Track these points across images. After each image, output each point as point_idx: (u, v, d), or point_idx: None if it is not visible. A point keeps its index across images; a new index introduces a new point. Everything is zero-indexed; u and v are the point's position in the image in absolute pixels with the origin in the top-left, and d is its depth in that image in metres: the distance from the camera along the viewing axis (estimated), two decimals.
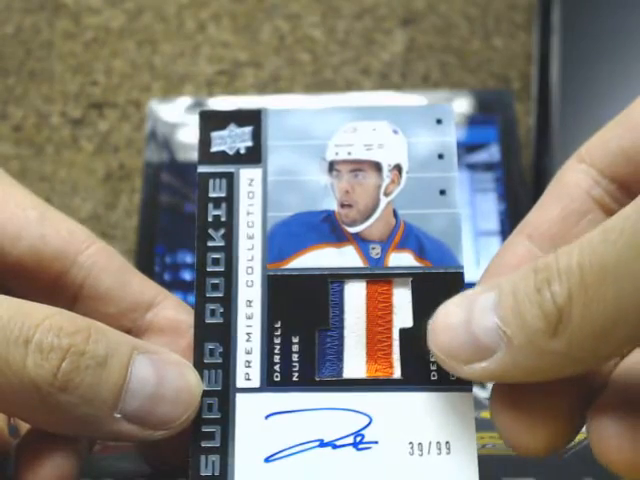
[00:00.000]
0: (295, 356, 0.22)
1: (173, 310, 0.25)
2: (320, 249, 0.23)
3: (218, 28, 0.53)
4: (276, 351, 0.22)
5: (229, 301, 0.23)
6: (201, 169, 0.24)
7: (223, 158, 0.24)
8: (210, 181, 0.24)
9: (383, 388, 0.22)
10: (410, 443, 0.22)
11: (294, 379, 0.22)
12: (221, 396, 0.22)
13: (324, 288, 0.23)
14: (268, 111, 0.25)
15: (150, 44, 0.53)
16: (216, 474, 0.21)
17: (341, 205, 0.24)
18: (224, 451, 0.22)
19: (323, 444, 0.21)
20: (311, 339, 0.23)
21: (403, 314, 0.23)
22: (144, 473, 0.25)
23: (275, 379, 0.22)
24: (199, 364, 0.22)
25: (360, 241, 0.23)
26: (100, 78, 0.52)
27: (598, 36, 0.47)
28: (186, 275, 0.45)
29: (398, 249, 0.23)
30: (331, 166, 0.24)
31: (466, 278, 0.23)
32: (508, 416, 0.20)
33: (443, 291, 0.22)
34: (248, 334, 0.23)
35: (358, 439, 0.21)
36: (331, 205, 0.24)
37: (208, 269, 0.23)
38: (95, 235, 0.25)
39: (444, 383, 0.22)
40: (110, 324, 0.23)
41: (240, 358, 0.22)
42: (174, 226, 0.46)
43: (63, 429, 0.21)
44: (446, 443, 0.21)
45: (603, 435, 0.19)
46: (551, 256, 0.18)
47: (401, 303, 0.23)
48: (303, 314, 0.23)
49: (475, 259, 0.45)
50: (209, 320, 0.23)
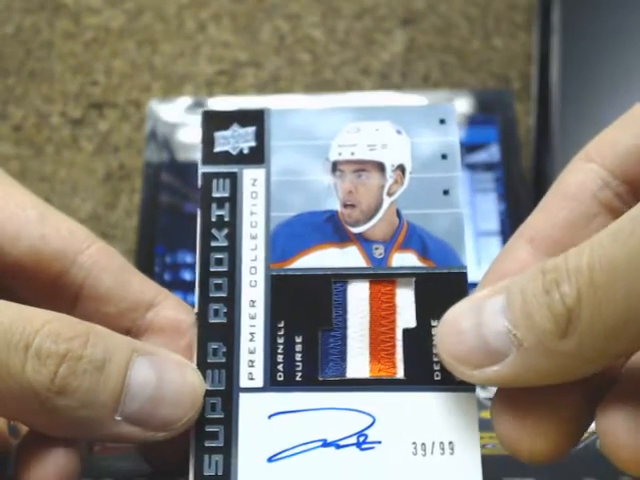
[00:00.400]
0: (298, 356, 0.22)
1: (173, 310, 0.25)
2: (323, 249, 0.23)
3: (218, 28, 0.53)
4: (279, 351, 0.22)
5: (232, 301, 0.23)
6: (204, 169, 0.24)
7: (226, 158, 0.24)
8: (214, 181, 0.24)
9: (386, 388, 0.22)
10: (413, 443, 0.21)
11: (297, 379, 0.22)
12: (224, 396, 0.22)
13: (327, 288, 0.23)
14: (271, 111, 0.25)
15: (150, 44, 0.53)
16: (219, 474, 0.21)
17: (344, 205, 0.24)
18: (227, 451, 0.22)
19: (326, 444, 0.21)
20: (314, 339, 0.23)
21: (406, 314, 0.23)
22: (144, 473, 0.25)
23: (278, 379, 0.22)
24: (202, 364, 0.22)
25: (363, 241, 0.23)
26: (100, 78, 0.52)
27: (598, 36, 0.47)
28: (186, 275, 0.45)
29: (401, 249, 0.23)
30: (334, 166, 0.24)
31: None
32: (510, 422, 0.20)
33: (446, 291, 0.22)
34: (251, 334, 0.23)
35: (361, 439, 0.21)
36: (334, 205, 0.24)
37: (211, 269, 0.23)
38: (95, 235, 0.25)
39: (448, 383, 0.22)
40: (110, 324, 0.23)
41: (243, 358, 0.22)
42: (174, 226, 0.46)
43: (64, 432, 0.21)
44: (449, 443, 0.21)
45: (612, 431, 0.19)
46: (560, 257, 0.18)
47: (404, 303, 0.23)
48: (306, 314, 0.23)
49: (476, 259, 0.45)
50: (212, 320, 0.23)
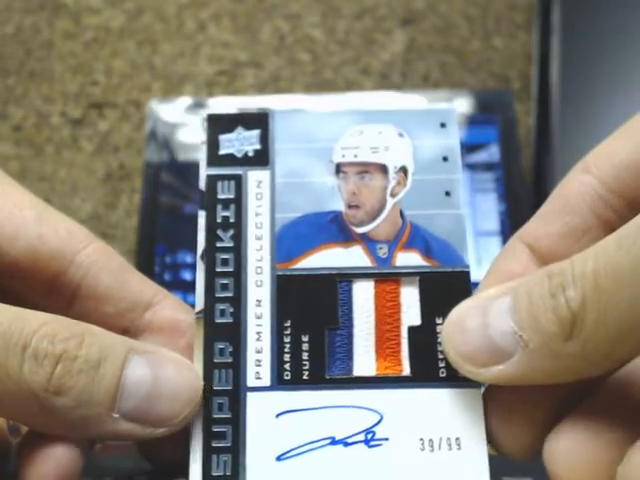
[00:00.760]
0: (305, 355, 0.23)
1: (172, 309, 0.25)
2: (328, 249, 0.24)
3: (218, 28, 0.53)
4: (286, 350, 0.23)
5: (239, 301, 0.23)
6: (209, 171, 0.25)
7: (231, 160, 0.24)
8: (218, 183, 0.24)
9: (393, 385, 0.22)
10: (421, 439, 0.22)
11: (304, 377, 0.22)
12: (231, 395, 0.22)
13: (332, 287, 0.23)
14: (275, 113, 0.25)
15: (150, 44, 0.53)
16: (228, 474, 0.22)
17: (348, 206, 0.24)
18: (235, 450, 0.22)
19: (334, 442, 0.22)
20: (320, 338, 0.23)
21: (411, 312, 0.23)
22: (144, 472, 0.25)
23: (285, 378, 0.22)
24: (209, 364, 0.23)
25: (368, 241, 0.24)
26: (100, 78, 0.52)
27: (598, 36, 0.47)
28: (186, 275, 0.45)
29: (405, 249, 0.23)
30: (338, 168, 0.24)
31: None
32: (496, 415, 0.21)
33: (450, 290, 0.23)
34: (258, 333, 0.23)
35: (369, 436, 0.22)
36: (338, 206, 0.24)
37: (217, 269, 0.24)
38: (94, 235, 0.25)
39: (453, 380, 0.22)
40: (108, 323, 0.23)
41: (250, 357, 0.23)
42: (174, 226, 0.46)
43: (63, 431, 0.21)
44: (456, 439, 0.22)
45: (557, 445, 0.19)
46: (566, 262, 0.18)
47: (409, 301, 0.23)
48: (312, 313, 0.23)
49: (476, 259, 0.45)
50: (219, 320, 0.23)
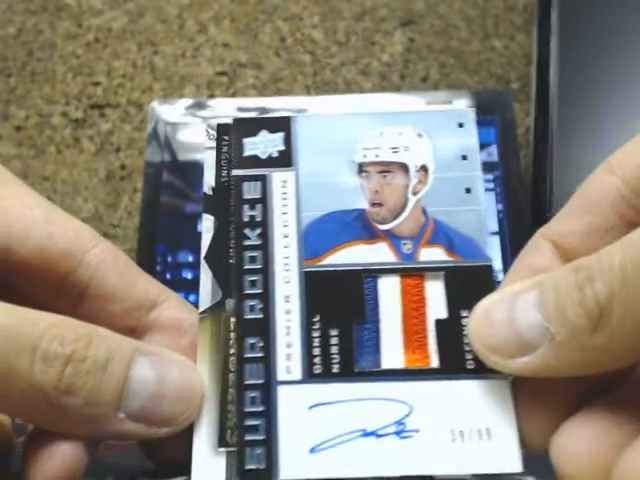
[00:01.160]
0: (334, 349, 0.23)
1: (176, 309, 0.25)
2: (353, 246, 0.24)
3: (219, 29, 0.54)
4: (315, 344, 0.23)
5: (268, 297, 0.24)
6: (235, 172, 0.25)
7: (256, 162, 0.25)
8: (244, 184, 0.25)
9: (421, 377, 0.23)
10: (451, 430, 0.22)
11: (334, 371, 0.23)
12: (263, 389, 0.23)
13: (359, 283, 0.24)
14: (297, 118, 0.26)
15: (151, 45, 0.53)
16: (262, 467, 0.22)
17: (372, 204, 0.25)
18: (269, 443, 0.22)
19: (366, 434, 0.22)
20: (348, 332, 0.23)
21: (436, 306, 0.24)
22: (147, 471, 0.25)
23: (315, 371, 0.23)
24: (241, 358, 0.23)
25: (392, 237, 0.24)
26: (101, 79, 0.53)
27: (597, 37, 0.47)
28: (187, 275, 0.45)
29: (429, 244, 0.24)
30: (360, 168, 0.25)
31: None
32: (520, 407, 0.21)
33: (474, 283, 0.23)
34: (287, 328, 0.23)
35: (400, 428, 0.22)
36: (362, 204, 0.25)
37: (245, 267, 0.24)
38: (98, 234, 0.25)
39: (480, 371, 0.22)
40: (115, 322, 0.23)
41: (281, 352, 0.23)
42: (175, 226, 0.46)
43: (70, 430, 0.21)
44: (487, 429, 0.22)
45: (561, 440, 0.20)
46: (592, 256, 0.19)
47: (434, 295, 0.24)
48: (340, 308, 0.24)
49: None
50: (248, 316, 0.24)
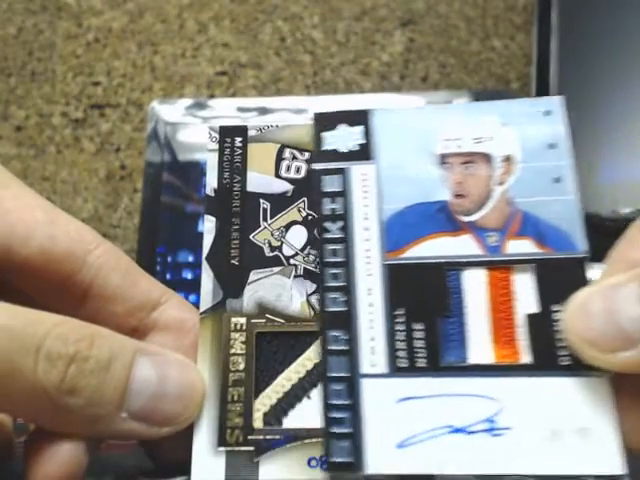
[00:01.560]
0: (418, 343, 0.23)
1: (178, 309, 0.25)
2: (436, 238, 0.24)
3: (219, 29, 0.54)
4: (399, 338, 0.23)
5: (350, 290, 0.23)
6: (315, 166, 0.25)
7: (335, 156, 0.25)
8: (324, 177, 0.25)
9: (512, 374, 0.22)
10: (546, 429, 0.21)
11: (419, 365, 0.22)
12: (348, 382, 0.22)
13: (442, 276, 0.23)
14: (376, 111, 0.26)
15: (151, 45, 0.53)
16: (349, 460, 0.22)
17: (455, 196, 0.24)
18: (356, 437, 0.22)
19: (456, 430, 0.22)
20: (432, 326, 0.23)
21: (525, 300, 0.23)
22: (147, 470, 0.25)
23: (400, 365, 0.22)
24: (324, 351, 0.23)
25: (476, 229, 0.24)
26: (101, 79, 0.53)
27: (596, 37, 0.47)
28: (187, 274, 0.45)
29: (517, 236, 0.23)
30: (442, 159, 0.25)
31: None
32: (621, 406, 0.21)
33: (567, 277, 0.22)
34: (371, 321, 0.23)
35: (491, 425, 0.21)
36: (444, 196, 0.24)
37: (327, 260, 0.24)
38: (100, 235, 0.25)
39: (575, 368, 0.22)
40: (117, 322, 0.23)
41: (364, 345, 0.23)
42: (175, 226, 0.46)
43: (73, 430, 0.21)
44: (584, 429, 0.21)
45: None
46: None
47: (523, 289, 0.23)
48: (423, 302, 0.23)
49: None
50: (331, 308, 0.23)
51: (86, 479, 0.22)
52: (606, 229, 0.39)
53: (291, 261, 0.25)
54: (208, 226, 0.25)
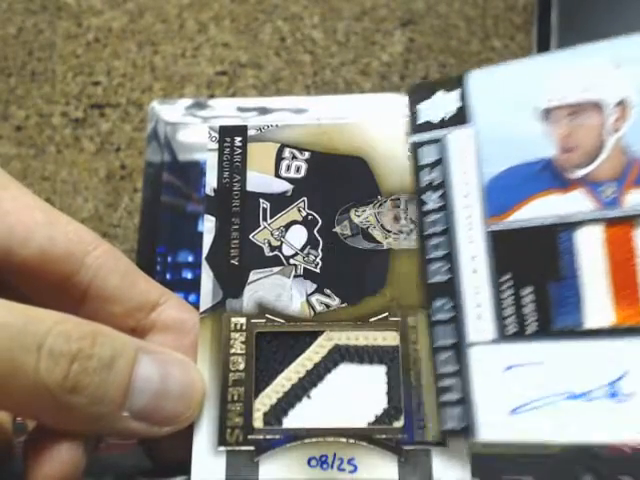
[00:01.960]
0: (527, 308, 0.22)
1: (177, 310, 0.25)
2: (543, 197, 0.23)
3: (219, 29, 0.54)
4: (507, 304, 0.22)
5: (453, 258, 0.23)
6: (412, 139, 0.25)
7: (431, 125, 0.24)
8: (420, 150, 0.24)
9: (637, 335, 0.21)
10: None
11: (529, 331, 0.21)
12: (455, 350, 0.22)
13: (552, 237, 0.22)
14: (472, 73, 0.24)
15: (151, 45, 0.53)
16: (460, 427, 0.21)
17: (562, 150, 0.23)
18: (466, 404, 0.21)
19: (574, 396, 0.20)
20: (543, 290, 0.22)
21: None
22: (146, 470, 0.25)
23: (509, 332, 0.22)
24: (429, 322, 0.22)
25: (588, 183, 0.22)
26: (101, 78, 0.53)
27: (596, 37, 0.47)
28: (187, 274, 0.45)
29: (636, 186, 0.22)
30: (545, 114, 0.23)
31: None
32: None
33: None
34: (476, 287, 0.22)
35: (613, 390, 0.20)
36: (548, 152, 0.23)
37: (427, 232, 0.23)
38: (99, 236, 0.25)
39: None
40: (115, 323, 0.23)
41: (470, 312, 0.22)
42: (175, 226, 0.46)
43: (74, 428, 0.21)
44: None
45: None
46: None
47: None
48: (531, 266, 0.22)
49: None
50: (434, 279, 0.23)
51: (85, 479, 0.22)
52: None
53: (291, 261, 0.25)
54: (208, 226, 0.25)
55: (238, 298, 0.24)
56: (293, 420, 0.23)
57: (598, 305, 0.21)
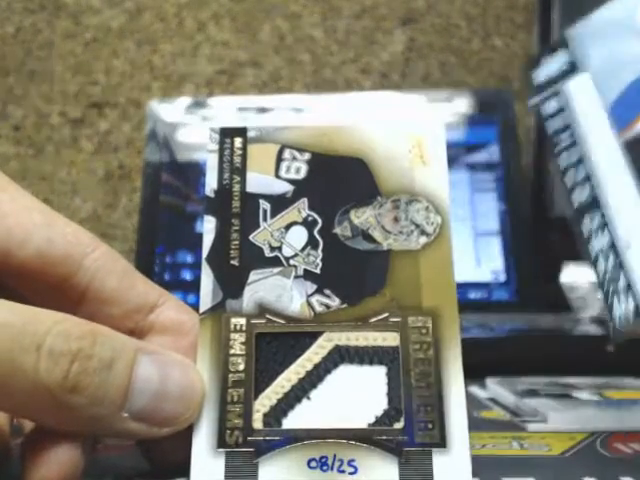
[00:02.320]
0: None
1: (175, 311, 0.25)
2: None
3: (218, 28, 0.53)
4: None
5: (592, 179, 0.24)
6: (531, 102, 0.26)
7: (547, 83, 0.26)
8: (542, 107, 0.26)
9: None
10: None
11: None
12: (613, 251, 0.22)
13: None
14: (577, 26, 0.26)
15: (150, 44, 0.53)
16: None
17: None
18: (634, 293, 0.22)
19: None
20: None
21: None
22: (144, 472, 0.25)
23: None
24: (585, 238, 0.23)
25: None
26: (100, 78, 0.52)
27: None
28: (186, 275, 0.45)
29: None
30: None
31: (465, 278, 0.23)
32: None
33: None
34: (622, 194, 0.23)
35: None
36: None
37: (565, 166, 0.25)
38: (97, 238, 0.25)
39: None
40: (113, 325, 0.23)
41: (620, 219, 0.23)
42: (174, 226, 0.46)
43: (74, 428, 0.21)
44: None
45: None
46: None
47: None
48: None
49: (475, 259, 0.45)
50: (580, 199, 0.24)
51: None
52: None
53: (291, 262, 0.25)
54: (208, 227, 0.25)
55: (238, 299, 0.24)
56: (293, 421, 0.23)
57: None
